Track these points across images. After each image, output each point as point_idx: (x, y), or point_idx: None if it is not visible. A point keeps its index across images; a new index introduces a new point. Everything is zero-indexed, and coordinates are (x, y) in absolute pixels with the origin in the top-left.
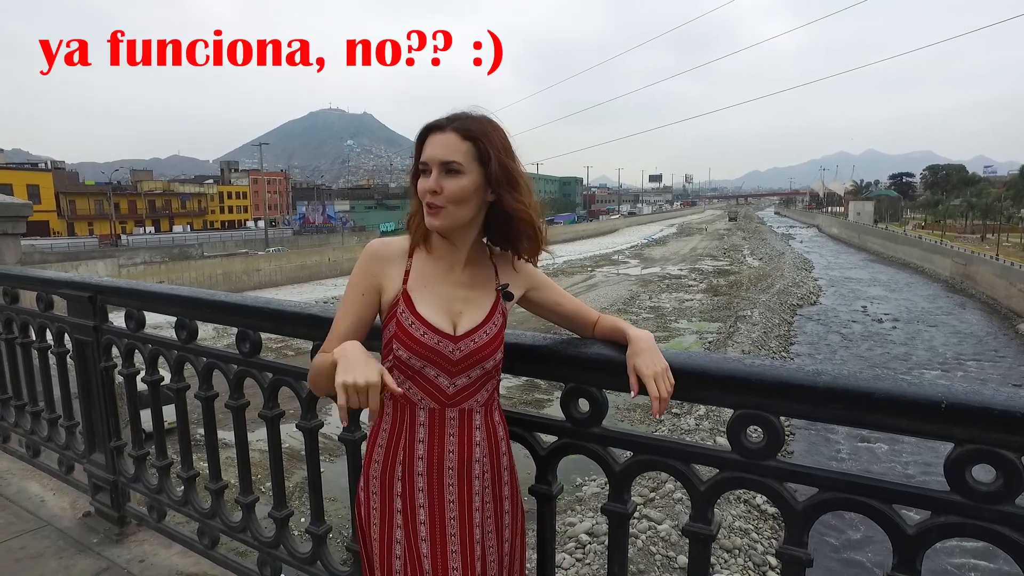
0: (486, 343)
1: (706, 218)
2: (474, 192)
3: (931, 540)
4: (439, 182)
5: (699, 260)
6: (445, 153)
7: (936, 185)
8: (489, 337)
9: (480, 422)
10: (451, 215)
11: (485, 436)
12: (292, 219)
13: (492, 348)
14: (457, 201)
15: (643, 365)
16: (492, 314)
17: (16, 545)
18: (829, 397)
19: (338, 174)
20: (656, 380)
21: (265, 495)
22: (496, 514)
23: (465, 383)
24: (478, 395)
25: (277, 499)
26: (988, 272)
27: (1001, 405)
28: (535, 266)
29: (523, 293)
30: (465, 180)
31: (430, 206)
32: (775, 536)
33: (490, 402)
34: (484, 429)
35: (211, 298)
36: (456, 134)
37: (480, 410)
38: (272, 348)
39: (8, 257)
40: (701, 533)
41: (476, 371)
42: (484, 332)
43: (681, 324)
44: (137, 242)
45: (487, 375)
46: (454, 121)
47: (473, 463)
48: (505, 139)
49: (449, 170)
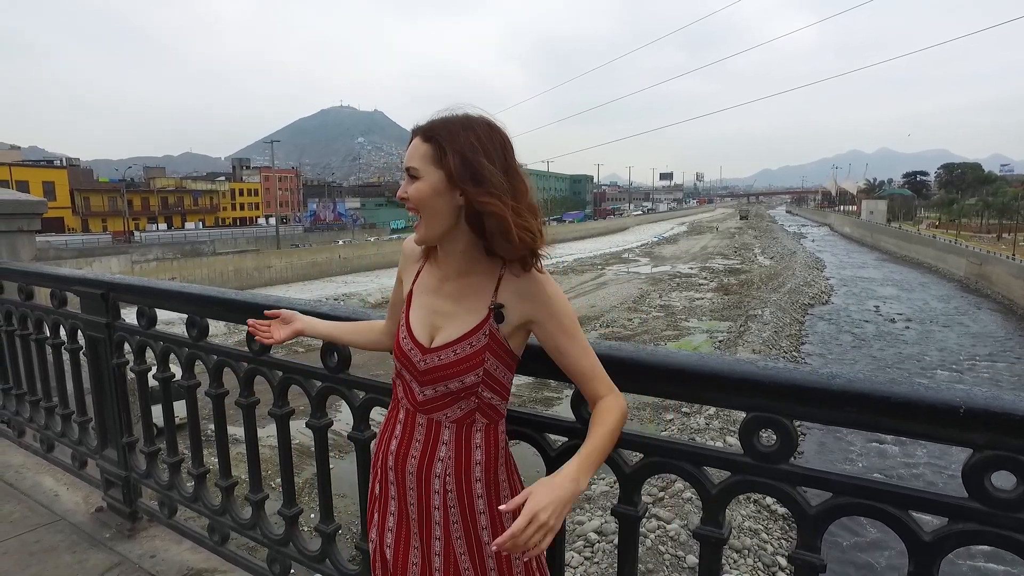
0: (452, 362)
1: (717, 216)
2: (434, 195)
3: (948, 547)
4: (405, 188)
5: (710, 259)
6: (408, 159)
7: (951, 184)
8: (458, 357)
9: (449, 438)
10: (425, 225)
11: (453, 453)
12: (303, 216)
13: (461, 369)
14: (423, 207)
15: (540, 503)
16: (472, 333)
17: (31, 539)
18: (844, 401)
19: (349, 171)
20: (532, 524)
21: (275, 491)
22: (467, 534)
23: (432, 395)
24: (448, 411)
25: (287, 497)
26: (1004, 272)
27: (1023, 411)
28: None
29: (524, 321)
30: (423, 184)
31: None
32: (785, 537)
33: (467, 421)
34: (453, 446)
35: (222, 296)
36: (419, 137)
37: (451, 426)
38: (283, 345)
39: (23, 253)
40: (712, 536)
41: (442, 387)
42: (453, 351)
43: (691, 323)
44: (150, 239)
45: (461, 394)
46: (424, 124)
47: (432, 476)
48: (478, 136)
49: (411, 175)
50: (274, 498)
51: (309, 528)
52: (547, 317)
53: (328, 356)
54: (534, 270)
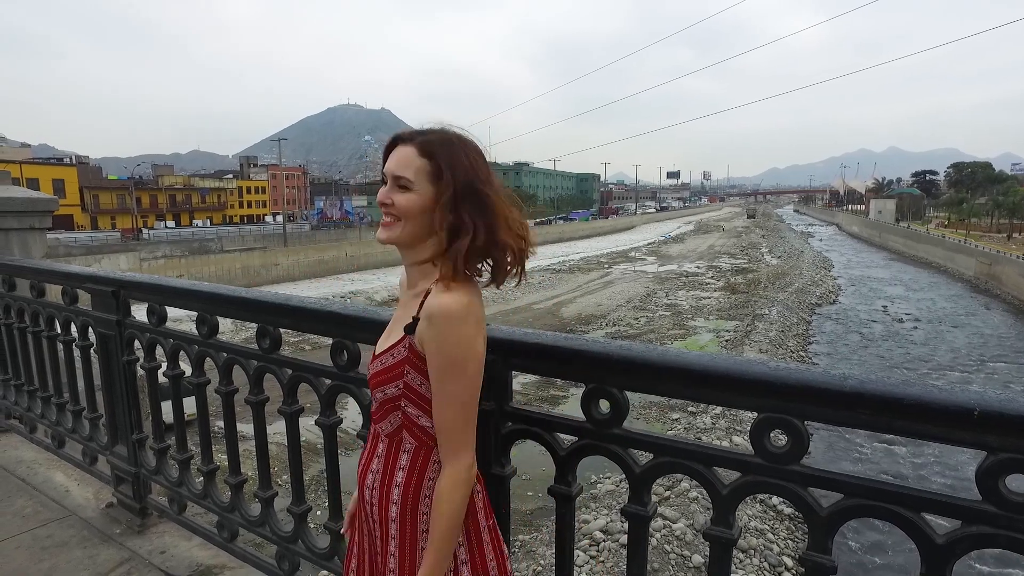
0: (381, 371)
1: (724, 215)
2: (423, 210)
3: (961, 550)
4: (389, 195)
5: (716, 258)
6: (397, 167)
7: (961, 183)
8: (384, 366)
9: (382, 451)
10: (396, 230)
11: (381, 467)
12: (310, 214)
13: (386, 378)
14: (408, 217)
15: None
16: (397, 344)
17: (43, 533)
18: (856, 402)
19: (356, 169)
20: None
21: (283, 488)
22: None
23: (375, 406)
24: (383, 423)
25: (296, 494)
26: (1014, 272)
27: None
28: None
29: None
30: (414, 196)
31: (384, 216)
32: (791, 537)
33: (397, 438)
34: (383, 460)
35: (232, 294)
36: (415, 148)
37: (384, 440)
38: (289, 343)
39: (35, 251)
40: (722, 537)
41: (378, 395)
42: (381, 361)
43: (698, 322)
44: (158, 236)
45: (387, 405)
46: (419, 135)
47: (364, 487)
48: (473, 158)
49: (400, 185)
50: (282, 495)
51: (317, 525)
52: (428, 347)
53: (338, 354)
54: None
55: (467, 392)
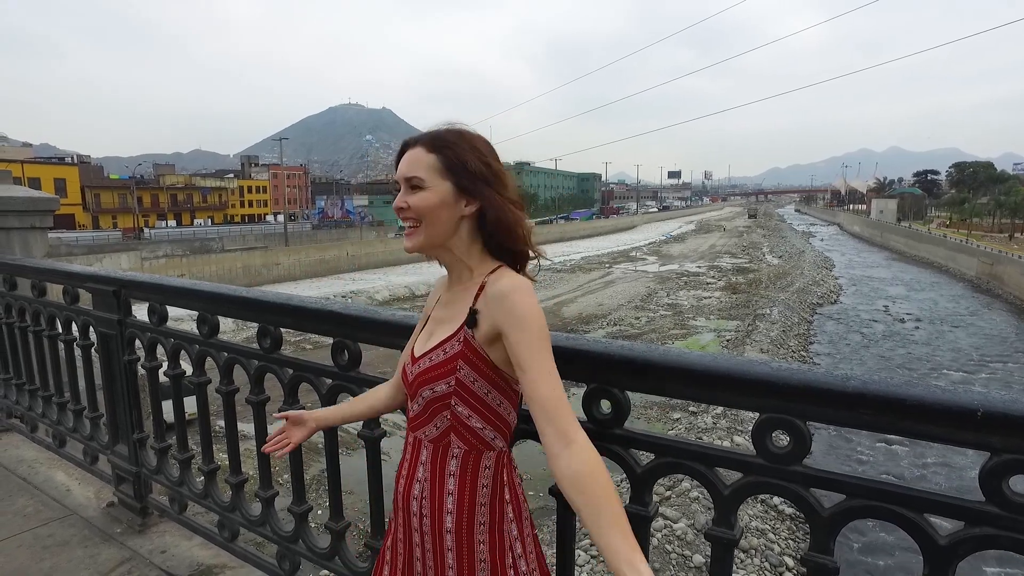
0: (428, 368)
1: (725, 215)
2: (441, 206)
3: (964, 552)
4: (404, 198)
5: (718, 257)
6: (408, 169)
7: (962, 183)
8: (434, 363)
9: (427, 458)
10: (420, 236)
11: (429, 476)
12: (311, 213)
13: (434, 376)
14: (427, 216)
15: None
16: (449, 339)
17: (44, 532)
18: (858, 403)
19: (357, 169)
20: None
21: (283, 488)
22: (436, 567)
23: (417, 409)
24: (427, 428)
25: (296, 494)
26: (1016, 272)
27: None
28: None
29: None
30: (429, 194)
31: (405, 225)
32: (792, 537)
33: (443, 442)
34: (429, 468)
35: (233, 294)
36: (423, 147)
37: (429, 446)
38: (290, 342)
39: (36, 250)
40: (724, 537)
41: (420, 399)
42: (430, 357)
43: (699, 322)
44: (159, 235)
45: (435, 405)
46: (426, 135)
47: (411, 499)
48: (481, 149)
49: (413, 185)
50: (283, 495)
51: (318, 525)
52: (509, 325)
53: (339, 354)
54: (513, 274)
55: (554, 364)
